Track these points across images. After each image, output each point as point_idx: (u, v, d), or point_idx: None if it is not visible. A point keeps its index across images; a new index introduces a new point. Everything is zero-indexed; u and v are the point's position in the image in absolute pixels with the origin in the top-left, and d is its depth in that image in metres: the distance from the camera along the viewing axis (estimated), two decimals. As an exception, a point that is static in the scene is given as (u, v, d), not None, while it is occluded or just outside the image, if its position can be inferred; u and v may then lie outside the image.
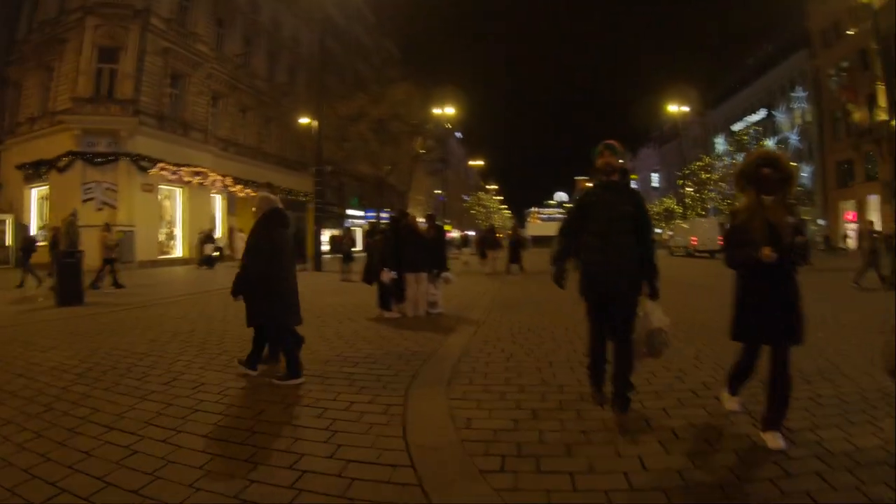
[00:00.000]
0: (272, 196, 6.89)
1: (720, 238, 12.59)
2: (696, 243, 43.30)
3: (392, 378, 6.37)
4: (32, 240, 20.77)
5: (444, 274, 11.70)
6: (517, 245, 26.54)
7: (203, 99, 34.29)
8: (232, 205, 36.72)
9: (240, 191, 35.75)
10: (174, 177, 30.68)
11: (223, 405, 5.50)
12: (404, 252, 11.06)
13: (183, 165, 31.04)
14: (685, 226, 50.72)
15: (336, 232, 42.44)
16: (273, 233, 6.44)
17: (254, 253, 6.38)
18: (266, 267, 6.27)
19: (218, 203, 36.11)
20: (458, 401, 5.46)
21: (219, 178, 33.76)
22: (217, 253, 28.75)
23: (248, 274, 6.37)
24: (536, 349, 7.88)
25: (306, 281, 20.48)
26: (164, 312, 12.34)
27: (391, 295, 11.24)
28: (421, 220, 13.00)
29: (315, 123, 29.59)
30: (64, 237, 15.68)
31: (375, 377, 6.41)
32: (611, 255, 4.83)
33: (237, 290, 6.50)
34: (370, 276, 11.68)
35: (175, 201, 32.18)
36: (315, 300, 14.01)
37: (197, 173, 32.06)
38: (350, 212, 53.44)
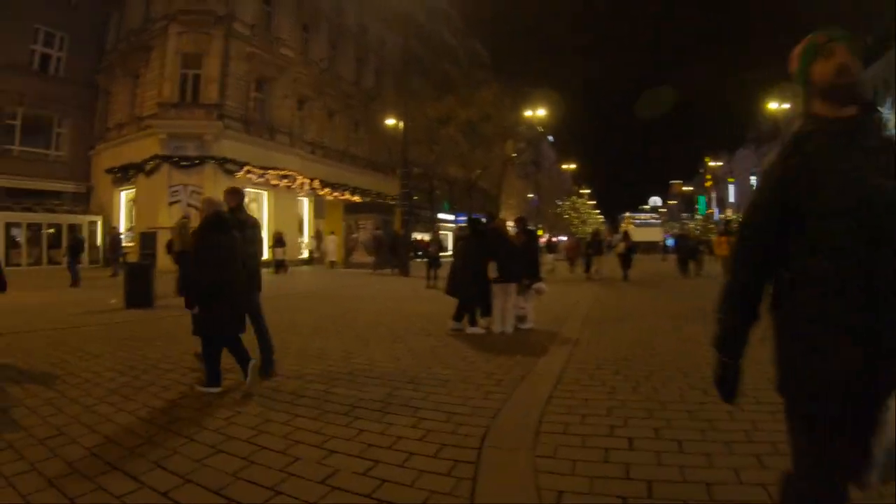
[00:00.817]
0: (215, 199, 6.39)
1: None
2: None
3: (467, 417, 5.05)
4: (118, 240, 21.00)
5: (537, 285, 10.38)
6: (630, 252, 26.04)
7: (289, 103, 34.13)
8: (320, 208, 36.39)
9: (327, 194, 35.40)
10: (261, 180, 30.49)
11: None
12: (492, 260, 9.76)
13: (269, 168, 30.82)
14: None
15: (423, 236, 41.60)
16: (215, 238, 5.90)
17: (198, 260, 5.93)
18: (212, 274, 5.75)
19: (305, 206, 35.81)
20: (547, 460, 4.03)
21: (306, 181, 33.43)
22: (284, 257, 27.76)
23: (196, 282, 5.91)
24: (644, 382, 6.29)
25: (390, 287, 20.02)
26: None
27: (472, 307, 10.02)
28: (510, 223, 11.87)
29: (401, 125, 28.81)
30: (178, 239, 15.30)
31: (446, 415, 5.11)
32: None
33: (192, 301, 5.88)
34: (454, 286, 10.33)
35: (261, 204, 31.88)
36: (394, 309, 13.21)
37: (284, 176, 31.81)
38: (441, 216, 52.69)
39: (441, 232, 38.41)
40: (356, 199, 36.82)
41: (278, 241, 26.78)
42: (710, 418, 4.80)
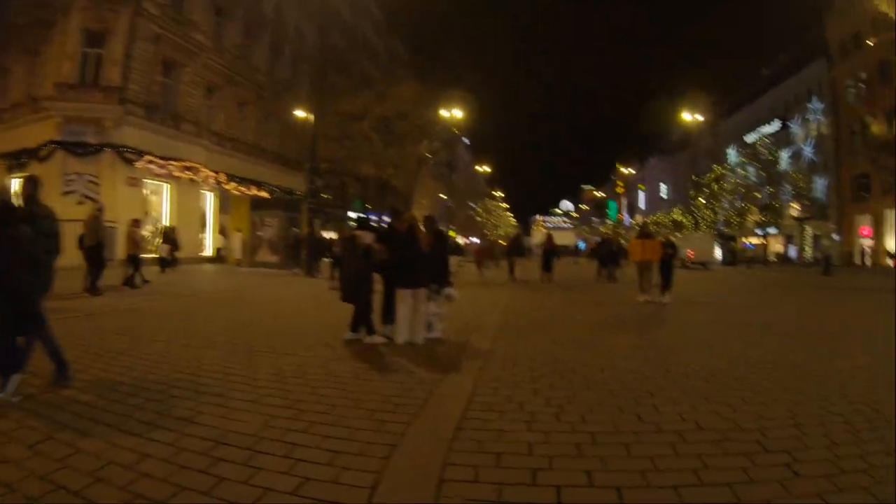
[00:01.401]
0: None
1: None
2: (692, 256, 46.28)
3: (353, 458, 4.08)
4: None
5: (447, 290, 9.63)
6: (551, 253, 26.27)
7: (198, 90, 32.67)
8: (225, 203, 34.84)
9: (234, 189, 33.92)
10: (162, 171, 28.99)
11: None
12: (399, 262, 8.95)
13: (172, 159, 29.32)
14: (678, 237, 51.51)
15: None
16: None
17: None
18: None
19: (209, 200, 34.37)
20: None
21: (211, 174, 32.03)
22: (175, 254, 26.03)
23: None
24: (568, 406, 5.51)
25: (292, 289, 18.88)
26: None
27: (367, 314, 9.06)
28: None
29: (311, 117, 27.58)
30: (90, 233, 14.94)
31: (329, 455, 4.12)
32: None
33: None
34: (348, 290, 9.18)
35: (162, 197, 30.41)
36: (292, 314, 12.35)
37: (187, 168, 30.33)
38: (353, 214, 51.68)
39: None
40: (264, 194, 35.47)
41: (167, 237, 25.25)
42: (651, 454, 4.22)
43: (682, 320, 12.77)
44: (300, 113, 34.84)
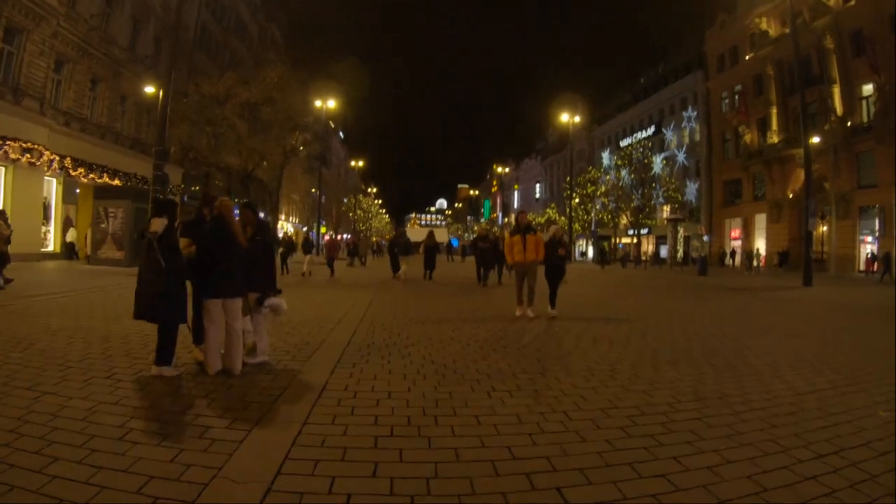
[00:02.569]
0: None
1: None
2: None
3: None
4: None
5: (271, 300, 7.25)
6: (434, 250, 26.54)
7: (44, 61, 28.35)
8: (70, 192, 30.99)
9: (81, 175, 29.82)
10: (-5, 151, 24.94)
11: None
12: (205, 262, 6.53)
13: (9, 139, 25.22)
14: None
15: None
16: None
17: None
18: None
19: (53, 188, 30.13)
20: None
21: (55, 157, 27.96)
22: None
23: None
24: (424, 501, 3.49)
25: (113, 293, 15.29)
26: None
27: (168, 340, 6.37)
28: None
29: (161, 93, 23.99)
30: None
31: None
32: None
33: None
34: (142, 305, 6.38)
35: (-6, 182, 26.20)
36: (101, 326, 9.65)
37: (27, 150, 26.18)
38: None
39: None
40: (116, 182, 31.58)
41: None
42: None
43: (583, 348, 9.09)
44: (150, 89, 31.22)
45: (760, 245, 51.46)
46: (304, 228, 76.52)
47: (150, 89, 31.68)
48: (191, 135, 34.24)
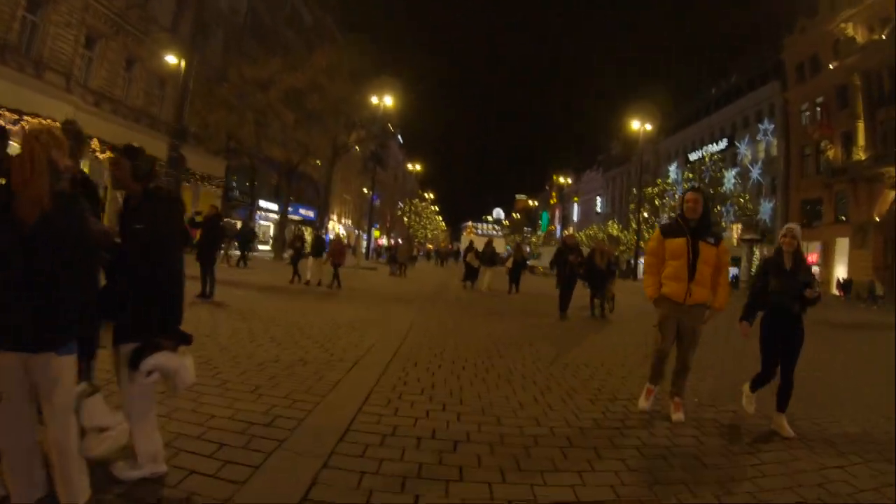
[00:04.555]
0: None
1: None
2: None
3: None
4: None
5: (157, 361, 3.44)
6: (521, 265, 24.61)
7: (71, 34, 26.41)
8: (97, 178, 28.78)
9: (110, 160, 27.68)
10: (13, 127, 22.99)
11: None
12: None
13: (25, 114, 23.24)
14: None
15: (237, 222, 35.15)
16: None
17: None
18: None
19: None
20: None
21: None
22: None
23: None
24: None
25: None
26: None
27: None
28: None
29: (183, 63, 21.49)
30: None
31: None
32: None
33: None
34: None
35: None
36: None
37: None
38: (265, 204, 46.30)
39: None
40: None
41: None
42: None
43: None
44: (172, 59, 28.89)
45: (841, 272, 47.31)
46: (357, 232, 74.50)
47: (170, 59, 29.39)
48: (230, 122, 31.92)
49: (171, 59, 28.48)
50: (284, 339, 8.93)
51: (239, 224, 35.26)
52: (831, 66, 48.74)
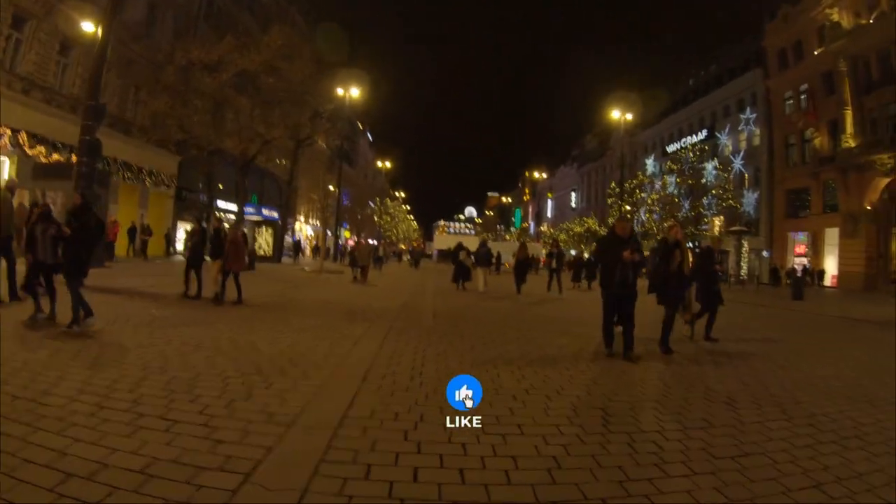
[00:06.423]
0: None
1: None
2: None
3: None
4: None
5: None
6: (526, 265, 23.20)
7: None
8: (27, 174, 25.68)
9: (41, 155, 24.74)
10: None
11: None
12: None
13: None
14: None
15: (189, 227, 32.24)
16: None
17: None
18: None
19: (5, 169, 24.69)
20: None
21: (6, 131, 23.09)
22: None
23: None
24: None
25: None
26: None
27: None
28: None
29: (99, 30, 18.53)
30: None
31: None
32: None
33: None
34: None
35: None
36: None
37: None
38: (223, 204, 43.23)
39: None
40: (55, 157, 25.71)
41: None
42: None
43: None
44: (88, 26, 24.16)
45: (831, 263, 46.09)
46: (312, 230, 71.74)
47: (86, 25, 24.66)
48: (176, 109, 29.06)
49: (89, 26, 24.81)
50: (148, 406, 5.18)
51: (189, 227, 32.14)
52: (816, 53, 47.13)
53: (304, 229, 70.40)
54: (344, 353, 8.51)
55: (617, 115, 46.23)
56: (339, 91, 37.66)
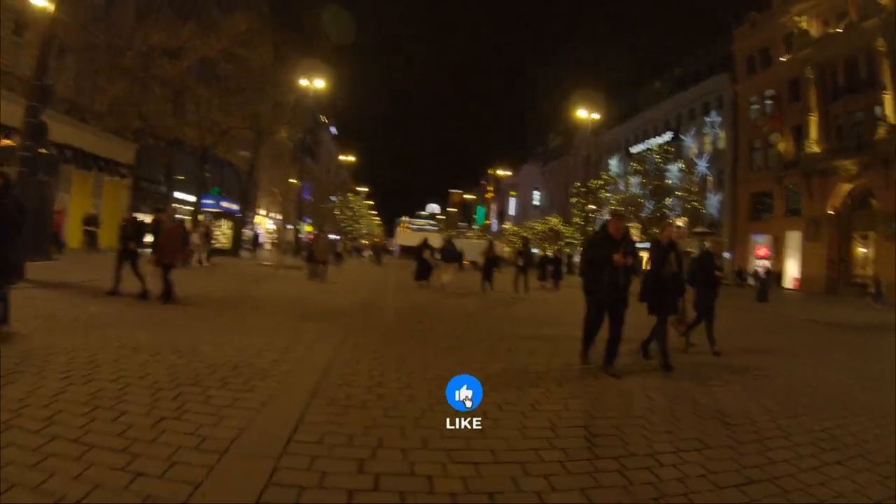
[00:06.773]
0: None
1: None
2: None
3: None
4: None
5: None
6: (493, 263, 23.14)
7: None
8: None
9: None
10: None
11: None
12: None
13: None
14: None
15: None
16: None
17: None
18: None
19: None
20: None
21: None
22: None
23: None
24: None
25: None
26: None
27: None
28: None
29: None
30: None
31: None
32: None
33: None
34: None
35: None
36: None
37: None
38: (180, 195, 41.92)
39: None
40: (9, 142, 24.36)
41: None
42: None
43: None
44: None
45: (793, 265, 46.88)
46: (272, 224, 70.58)
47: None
48: (132, 93, 28.05)
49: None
50: (62, 425, 4.51)
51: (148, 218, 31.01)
52: (783, 59, 47.66)
53: (265, 223, 69.28)
54: (295, 358, 7.82)
55: (583, 113, 46.04)
56: (303, 82, 36.91)
